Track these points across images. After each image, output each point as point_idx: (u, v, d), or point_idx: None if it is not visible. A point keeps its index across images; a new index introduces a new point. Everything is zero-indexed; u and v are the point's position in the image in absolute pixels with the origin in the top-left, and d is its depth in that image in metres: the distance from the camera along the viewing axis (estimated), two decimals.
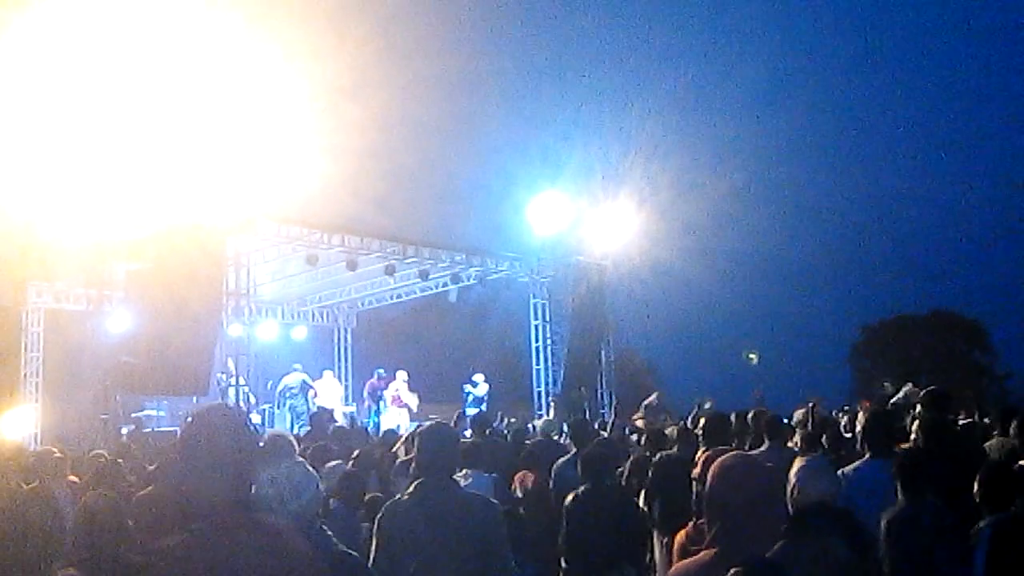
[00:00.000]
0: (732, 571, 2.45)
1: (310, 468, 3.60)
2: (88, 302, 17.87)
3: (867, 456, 5.65)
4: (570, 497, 6.55)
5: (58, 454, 9.04)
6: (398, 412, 20.15)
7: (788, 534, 2.47)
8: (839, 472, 5.37)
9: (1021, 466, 5.42)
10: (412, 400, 20.67)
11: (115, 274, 16.49)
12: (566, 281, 22.05)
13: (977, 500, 4.50)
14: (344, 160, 15.45)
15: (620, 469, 8.31)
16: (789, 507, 3.40)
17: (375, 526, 4.54)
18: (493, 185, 19.61)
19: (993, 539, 4.36)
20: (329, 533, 3.51)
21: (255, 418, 19.46)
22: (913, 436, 5.51)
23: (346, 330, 27.28)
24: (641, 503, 7.49)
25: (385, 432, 13.31)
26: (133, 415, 17.43)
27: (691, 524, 3.83)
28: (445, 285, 22.53)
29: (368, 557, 4.41)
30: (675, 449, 8.36)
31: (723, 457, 3.03)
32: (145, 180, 14.40)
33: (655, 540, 7.38)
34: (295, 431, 15.76)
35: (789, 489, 3.78)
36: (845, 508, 2.77)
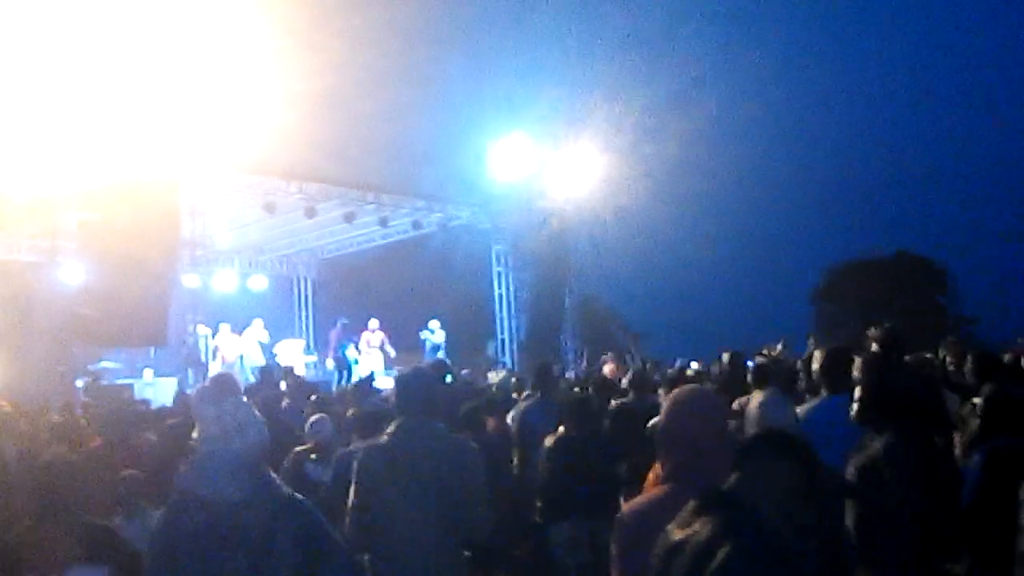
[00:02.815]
0: (689, 504, 2.39)
1: (255, 410, 3.51)
2: (40, 253, 17.53)
3: (824, 394, 5.63)
4: (551, 439, 6.49)
5: (8, 408, 8.87)
6: (375, 359, 20.00)
7: (738, 460, 2.42)
8: (797, 409, 5.36)
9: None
10: (390, 349, 20.56)
11: (67, 225, 16.18)
12: (528, 227, 21.95)
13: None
14: (301, 106, 15.14)
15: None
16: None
17: (355, 467, 4.52)
18: (453, 130, 19.30)
19: (986, 467, 4.41)
20: (274, 475, 3.44)
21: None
22: (856, 374, 5.48)
23: (306, 279, 27.06)
24: None
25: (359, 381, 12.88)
26: (90, 367, 17.20)
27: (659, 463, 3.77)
28: (406, 232, 22.35)
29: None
30: (630, 397, 8.33)
31: (678, 390, 2.96)
32: (97, 128, 14.08)
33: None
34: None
35: (748, 422, 3.75)
36: (796, 433, 2.71)
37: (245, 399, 3.55)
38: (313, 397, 9.04)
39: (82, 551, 3.60)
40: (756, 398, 6.22)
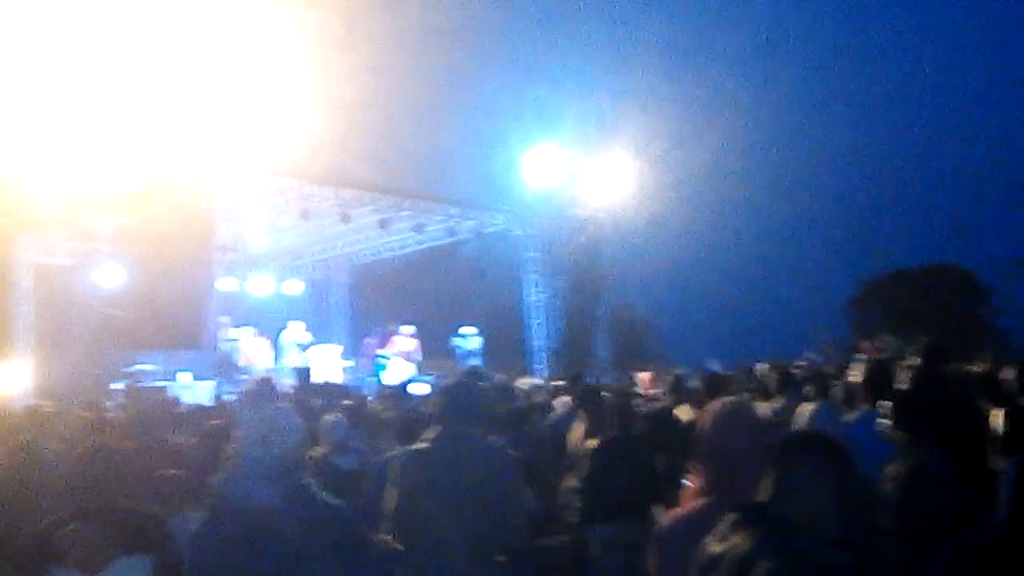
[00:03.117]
0: (728, 517, 2.35)
1: (295, 415, 3.49)
2: (77, 257, 17.68)
3: (867, 406, 5.56)
4: (595, 441, 6.48)
5: (48, 408, 8.94)
6: (405, 365, 19.95)
7: (772, 462, 2.38)
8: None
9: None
10: (417, 357, 20.50)
11: (103, 228, 16.32)
12: (562, 235, 21.92)
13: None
14: (336, 111, 15.22)
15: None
16: None
17: (394, 473, 4.58)
18: (488, 137, 19.36)
19: (1017, 480, 4.31)
20: (311, 481, 3.42)
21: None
22: (902, 384, 5.40)
23: (341, 285, 27.12)
24: None
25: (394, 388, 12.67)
26: (125, 369, 17.30)
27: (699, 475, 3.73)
28: (440, 239, 22.36)
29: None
30: (667, 400, 8.28)
31: (719, 403, 2.92)
32: (133, 131, 14.19)
33: None
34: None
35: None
36: (830, 436, 2.64)
37: (285, 404, 3.53)
38: (347, 402, 9.02)
39: (126, 542, 3.56)
40: (806, 408, 6.18)
